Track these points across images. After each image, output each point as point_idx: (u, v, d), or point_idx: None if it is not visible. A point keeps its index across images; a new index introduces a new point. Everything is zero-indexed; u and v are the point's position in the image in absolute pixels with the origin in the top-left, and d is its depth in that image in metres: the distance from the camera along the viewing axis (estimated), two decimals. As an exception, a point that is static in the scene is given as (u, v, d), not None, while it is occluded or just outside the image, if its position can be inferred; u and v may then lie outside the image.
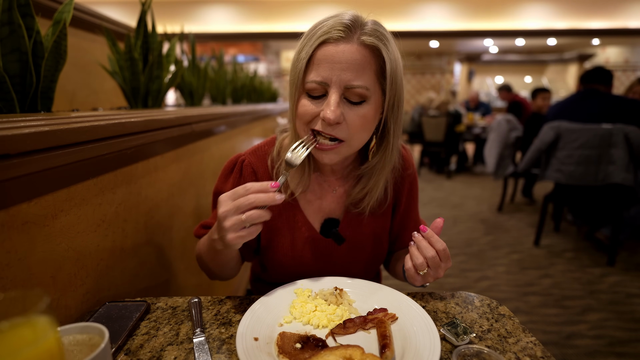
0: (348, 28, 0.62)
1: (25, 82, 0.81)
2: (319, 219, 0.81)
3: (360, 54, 0.63)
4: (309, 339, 0.57)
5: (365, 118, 0.65)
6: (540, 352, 0.55)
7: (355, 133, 0.66)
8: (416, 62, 10.51)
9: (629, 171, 2.35)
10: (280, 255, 0.80)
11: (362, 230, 0.82)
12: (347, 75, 0.62)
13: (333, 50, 0.62)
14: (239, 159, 0.81)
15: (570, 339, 1.79)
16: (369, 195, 0.77)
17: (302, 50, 0.64)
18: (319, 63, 0.63)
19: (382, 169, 0.75)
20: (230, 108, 1.84)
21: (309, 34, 0.65)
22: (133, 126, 0.80)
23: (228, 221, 0.58)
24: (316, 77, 0.63)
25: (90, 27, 1.68)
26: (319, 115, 0.64)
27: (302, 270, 0.80)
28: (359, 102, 0.65)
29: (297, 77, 0.64)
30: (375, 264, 0.87)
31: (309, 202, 0.81)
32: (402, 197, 0.86)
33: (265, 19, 7.51)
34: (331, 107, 0.62)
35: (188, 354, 0.55)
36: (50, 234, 0.60)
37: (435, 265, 0.63)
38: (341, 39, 0.62)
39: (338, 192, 0.82)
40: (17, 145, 0.50)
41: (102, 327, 0.45)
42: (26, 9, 0.79)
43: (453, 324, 0.60)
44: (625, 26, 7.51)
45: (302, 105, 0.66)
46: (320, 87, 0.63)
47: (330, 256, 0.81)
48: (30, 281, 0.56)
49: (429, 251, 0.63)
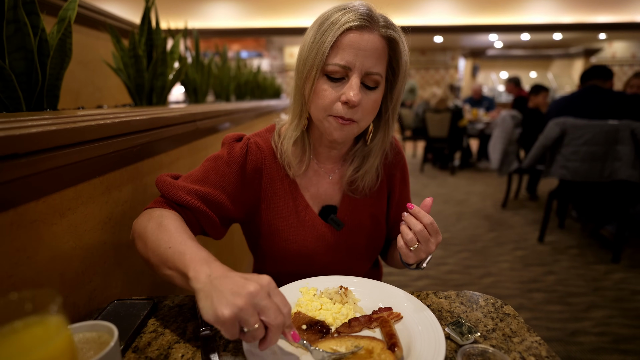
0: (370, 18, 0.67)
1: (31, 80, 0.82)
2: (317, 205, 0.84)
3: (381, 44, 0.69)
4: (316, 323, 0.60)
5: (376, 102, 0.72)
6: (545, 352, 0.55)
7: (366, 115, 0.72)
8: (420, 58, 10.44)
9: (635, 168, 2.34)
10: (283, 241, 0.81)
11: (359, 215, 0.85)
12: (369, 62, 0.67)
13: (358, 38, 0.66)
14: (243, 135, 0.82)
15: (574, 336, 1.79)
16: (366, 174, 0.82)
17: (325, 35, 0.67)
18: (344, 48, 0.67)
19: (378, 150, 0.81)
20: (234, 105, 1.84)
21: (328, 21, 0.68)
22: (138, 124, 0.80)
23: (244, 312, 0.45)
24: (340, 61, 0.67)
25: (94, 24, 1.68)
26: (339, 99, 0.68)
27: (304, 253, 0.81)
28: (373, 88, 0.70)
29: (321, 60, 0.67)
30: (375, 247, 0.90)
31: (306, 189, 0.83)
32: (395, 183, 0.90)
33: (269, 14, 7.48)
34: (355, 89, 0.67)
35: (195, 352, 0.56)
36: (58, 233, 0.61)
37: (425, 239, 0.66)
38: (366, 27, 0.67)
39: (334, 178, 0.85)
40: (25, 145, 0.51)
41: (112, 325, 0.46)
42: (31, 6, 0.79)
43: (458, 323, 0.60)
44: (632, 20, 7.41)
45: (322, 89, 0.69)
46: (343, 71, 0.67)
47: (331, 240, 0.83)
48: (39, 279, 0.57)
49: (417, 225, 0.66)
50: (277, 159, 0.80)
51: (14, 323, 0.29)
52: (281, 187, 0.81)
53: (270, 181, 0.81)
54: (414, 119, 5.93)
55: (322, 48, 0.67)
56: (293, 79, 0.75)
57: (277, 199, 0.81)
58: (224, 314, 0.44)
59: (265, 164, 0.80)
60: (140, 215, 0.69)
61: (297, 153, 0.80)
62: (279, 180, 0.81)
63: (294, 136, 0.77)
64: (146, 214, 0.68)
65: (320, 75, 0.69)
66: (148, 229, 0.64)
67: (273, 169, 0.81)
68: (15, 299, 0.30)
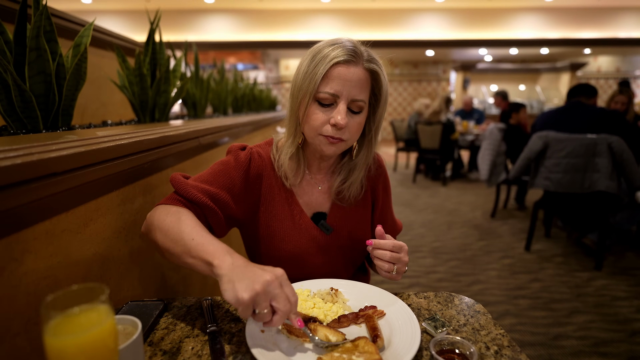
0: (355, 54, 0.78)
1: (49, 100, 0.90)
2: (309, 212, 0.94)
3: (365, 75, 0.80)
4: (310, 319, 0.68)
5: (360, 124, 0.83)
6: (507, 342, 0.64)
7: (352, 135, 0.83)
8: (412, 71, 10.69)
9: (613, 179, 2.46)
10: (279, 241, 0.90)
11: (346, 221, 0.96)
12: (354, 91, 0.78)
13: (345, 71, 0.77)
14: (247, 145, 0.92)
15: (556, 340, 1.88)
16: (352, 185, 0.93)
17: (317, 67, 0.78)
18: (333, 79, 0.77)
19: (362, 165, 0.92)
20: (232, 119, 1.93)
21: (319, 55, 0.78)
22: (150, 143, 0.89)
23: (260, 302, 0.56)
24: (330, 90, 0.78)
25: (100, 44, 1.78)
26: (328, 122, 0.79)
27: (297, 254, 0.90)
28: (357, 112, 0.81)
29: (313, 88, 0.78)
30: (360, 251, 0.99)
31: (300, 197, 0.93)
32: (378, 193, 1.01)
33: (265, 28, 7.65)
34: (342, 114, 0.78)
35: (204, 344, 0.64)
36: (82, 241, 0.69)
37: (396, 259, 0.78)
38: (352, 62, 0.78)
39: (323, 188, 0.95)
40: (60, 165, 0.59)
41: (136, 319, 0.54)
42: (51, 35, 0.88)
43: (433, 318, 0.69)
44: (615, 36, 7.70)
45: (314, 113, 0.80)
46: (332, 98, 0.78)
47: (321, 243, 0.93)
48: (67, 281, 0.65)
49: (385, 255, 0.77)
50: (275, 170, 0.91)
51: (74, 308, 0.38)
52: (279, 194, 0.91)
53: (270, 187, 0.91)
54: (406, 131, 6.07)
55: (314, 78, 0.78)
56: (289, 91, 0.86)
57: (275, 204, 0.91)
58: (244, 297, 0.54)
59: (265, 172, 0.90)
60: (156, 209, 0.77)
61: (292, 166, 0.90)
62: (277, 187, 0.91)
63: (289, 152, 0.87)
64: (163, 209, 0.76)
65: (312, 101, 0.80)
66: (167, 222, 0.71)
67: (272, 177, 0.91)
68: (75, 289, 0.38)
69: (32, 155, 0.54)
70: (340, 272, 0.97)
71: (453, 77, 10.37)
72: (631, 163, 2.46)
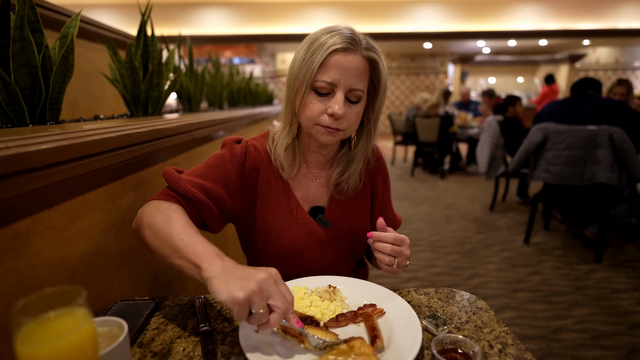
0: (354, 41, 0.75)
1: (35, 94, 0.87)
2: (307, 206, 0.91)
3: (363, 64, 0.77)
4: (306, 318, 0.66)
5: (358, 114, 0.80)
6: (510, 340, 0.62)
7: (350, 125, 0.80)
8: (410, 63, 10.62)
9: (614, 171, 2.44)
10: (276, 236, 0.88)
11: (345, 215, 0.93)
12: (352, 80, 0.75)
13: (343, 59, 0.74)
14: (242, 138, 0.89)
15: (556, 333, 1.87)
16: (350, 178, 0.90)
17: (314, 55, 0.75)
18: (330, 67, 0.74)
19: (361, 156, 0.89)
20: (227, 113, 1.89)
21: (317, 42, 0.75)
22: (139, 136, 0.86)
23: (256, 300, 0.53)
24: (327, 79, 0.75)
25: (91, 37, 1.73)
26: (325, 111, 0.76)
27: (295, 249, 0.88)
28: (356, 102, 0.78)
29: (310, 77, 0.75)
30: (359, 246, 0.97)
31: (297, 190, 0.91)
32: (378, 186, 0.98)
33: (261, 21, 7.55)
34: (339, 104, 0.75)
35: (196, 345, 0.62)
36: (67, 238, 0.66)
37: (398, 252, 0.75)
38: (350, 49, 0.75)
39: (321, 181, 0.93)
40: (41, 159, 0.56)
41: (121, 320, 0.51)
42: (36, 25, 0.84)
43: (434, 316, 0.67)
44: (614, 27, 7.65)
45: (311, 103, 0.77)
46: (329, 87, 0.75)
47: (319, 237, 0.90)
48: (52, 281, 0.62)
49: (386, 247, 0.75)
50: (272, 162, 0.88)
51: (48, 313, 0.35)
52: (275, 187, 0.88)
53: (266, 181, 0.88)
54: (404, 124, 6.04)
55: (311, 67, 0.75)
56: (285, 85, 0.83)
57: (271, 198, 0.88)
58: (239, 296, 0.51)
59: (261, 165, 0.87)
60: (146, 206, 0.74)
61: (288, 157, 0.87)
62: (274, 181, 0.88)
63: (285, 143, 0.84)
64: (154, 205, 0.73)
65: (309, 90, 0.77)
66: (157, 219, 0.68)
67: (268, 170, 0.88)
68: (49, 293, 0.35)
69: (9, 149, 0.51)
70: (340, 266, 0.94)
71: (451, 70, 10.30)
72: (632, 154, 2.45)
